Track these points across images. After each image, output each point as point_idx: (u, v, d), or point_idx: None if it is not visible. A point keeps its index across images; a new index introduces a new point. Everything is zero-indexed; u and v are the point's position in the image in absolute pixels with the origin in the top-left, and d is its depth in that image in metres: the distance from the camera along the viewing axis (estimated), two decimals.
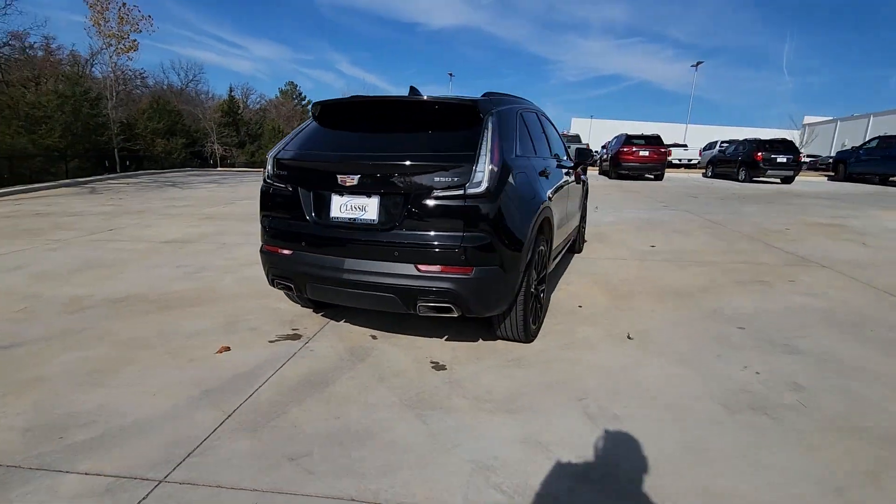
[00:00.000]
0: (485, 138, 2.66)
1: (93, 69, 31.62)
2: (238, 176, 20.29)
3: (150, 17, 25.60)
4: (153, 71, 60.56)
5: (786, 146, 17.58)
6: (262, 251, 3.08)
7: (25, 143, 19.22)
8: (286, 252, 2.92)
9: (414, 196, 2.58)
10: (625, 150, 17.39)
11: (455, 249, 2.56)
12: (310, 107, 2.66)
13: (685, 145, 29.19)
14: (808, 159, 28.57)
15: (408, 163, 2.60)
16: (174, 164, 27.68)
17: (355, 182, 2.65)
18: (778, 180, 17.90)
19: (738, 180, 18.28)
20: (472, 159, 2.56)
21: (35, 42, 29.43)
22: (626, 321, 3.58)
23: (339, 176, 2.68)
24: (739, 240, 6.63)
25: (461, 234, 2.57)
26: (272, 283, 3.07)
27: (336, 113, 3.06)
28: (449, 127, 2.78)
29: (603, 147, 21.62)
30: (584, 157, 4.93)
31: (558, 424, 2.27)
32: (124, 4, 25.39)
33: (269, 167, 2.99)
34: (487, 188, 2.55)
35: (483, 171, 2.55)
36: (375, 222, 2.67)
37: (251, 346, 3.09)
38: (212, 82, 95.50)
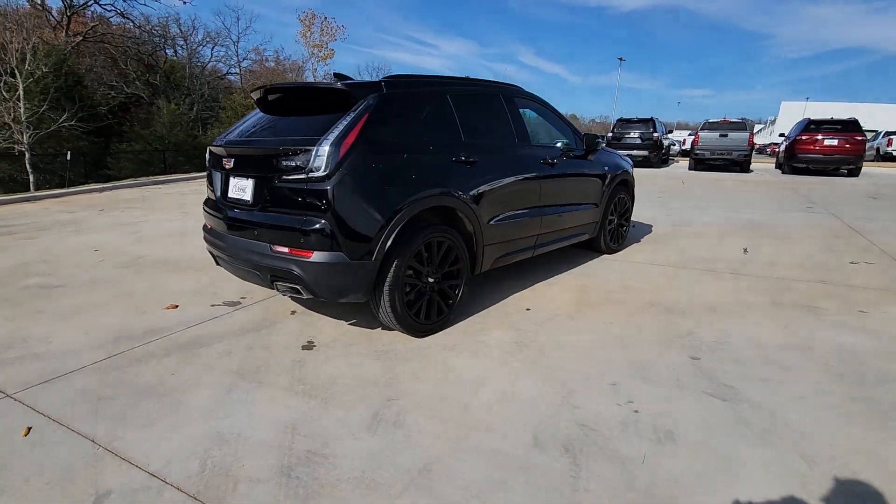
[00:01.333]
0: (340, 123, 2.63)
1: (304, 75, 37.65)
2: None
3: (342, 26, 29.81)
4: (349, 73, 69.61)
5: None
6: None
7: None
8: (207, 227, 3.31)
9: (273, 179, 2.70)
10: (803, 138, 14.05)
11: (297, 232, 2.61)
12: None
13: None
14: None
15: (268, 147, 2.72)
16: None
17: (231, 166, 2.88)
18: None
19: None
20: (319, 143, 2.57)
21: (269, 55, 36.50)
22: (553, 332, 3.13)
23: (223, 160, 2.95)
24: (858, 254, 5.03)
25: (303, 217, 2.61)
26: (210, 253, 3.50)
27: (260, 101, 3.31)
28: (324, 111, 2.80)
29: (781, 135, 17.82)
30: (592, 146, 4.34)
31: (332, 416, 2.20)
32: (325, 18, 29.90)
33: (206, 153, 3.40)
34: (327, 173, 2.53)
35: (323, 156, 2.54)
36: (250, 203, 2.87)
37: (195, 307, 3.58)
38: None
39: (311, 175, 2.56)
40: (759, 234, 6.07)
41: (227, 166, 2.93)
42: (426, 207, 2.91)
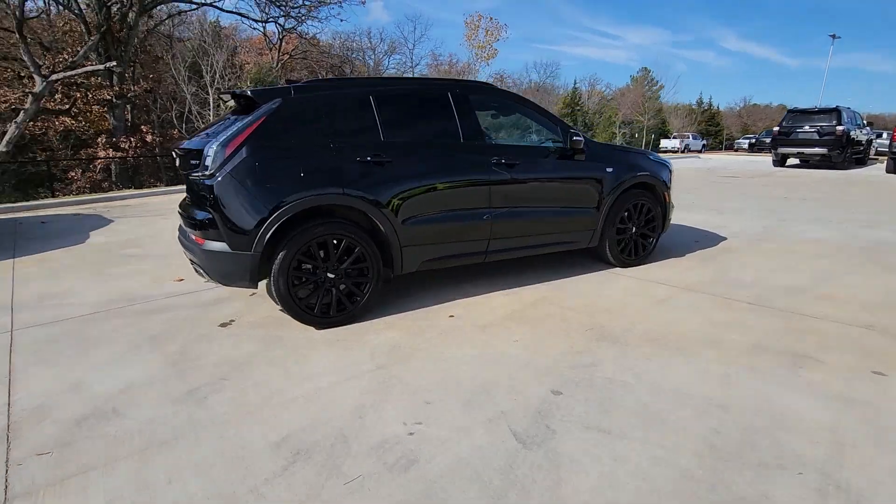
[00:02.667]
0: (233, 126, 2.91)
1: (471, 76, 39.42)
2: None
3: (505, 25, 30.97)
4: (516, 71, 70.14)
5: None
6: None
7: None
8: None
9: (189, 176, 3.12)
10: None
11: (196, 223, 2.99)
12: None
13: None
14: None
15: (190, 148, 3.14)
16: None
17: (178, 162, 3.38)
18: None
19: None
20: (209, 145, 2.89)
21: (443, 59, 39.42)
22: (443, 344, 2.96)
23: (174, 156, 3.48)
24: None
25: (200, 210, 2.97)
26: None
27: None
28: (241, 114, 3.10)
29: None
30: (575, 145, 3.84)
31: (166, 384, 2.51)
32: (491, 19, 31.17)
33: None
34: (212, 172, 2.84)
35: (210, 156, 2.85)
36: (187, 197, 3.34)
37: (192, 282, 4.24)
38: (564, 75, 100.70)
39: (203, 173, 2.90)
40: (872, 258, 4.58)
41: (176, 163, 3.46)
42: (314, 206, 3.01)
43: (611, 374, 2.53)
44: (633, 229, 4.36)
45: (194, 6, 18.88)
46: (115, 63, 13.70)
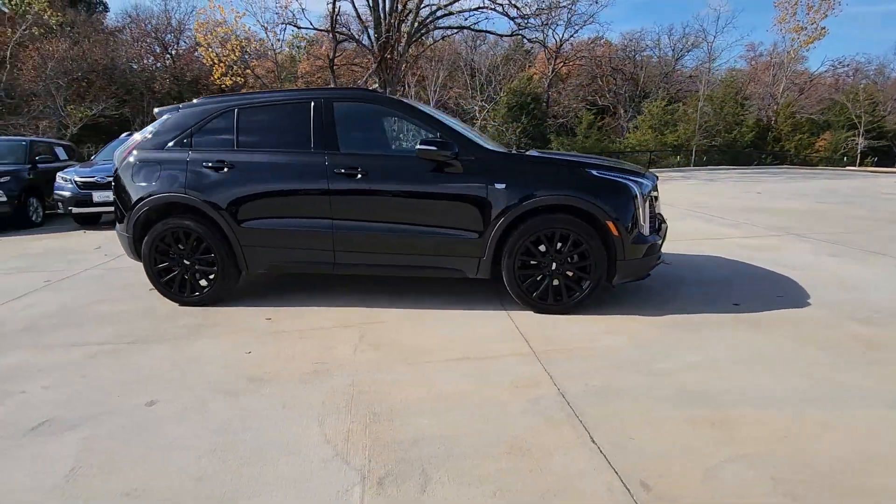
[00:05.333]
0: (137, 136, 3.76)
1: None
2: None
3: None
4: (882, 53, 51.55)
5: None
6: None
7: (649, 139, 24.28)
8: None
9: None
10: None
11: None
12: None
13: None
14: None
15: None
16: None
17: None
18: None
19: None
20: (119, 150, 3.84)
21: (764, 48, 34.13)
22: (198, 342, 3.12)
23: None
24: None
25: None
26: None
27: None
28: None
29: None
30: (436, 152, 3.23)
31: None
32: None
33: None
34: (115, 169, 3.76)
35: (117, 159, 3.76)
36: None
37: None
38: None
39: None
40: None
41: None
42: (163, 202, 3.59)
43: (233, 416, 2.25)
44: (554, 266, 3.28)
45: (451, 32, 21.58)
46: (377, 85, 17.27)
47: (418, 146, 3.27)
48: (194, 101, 3.90)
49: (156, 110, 3.98)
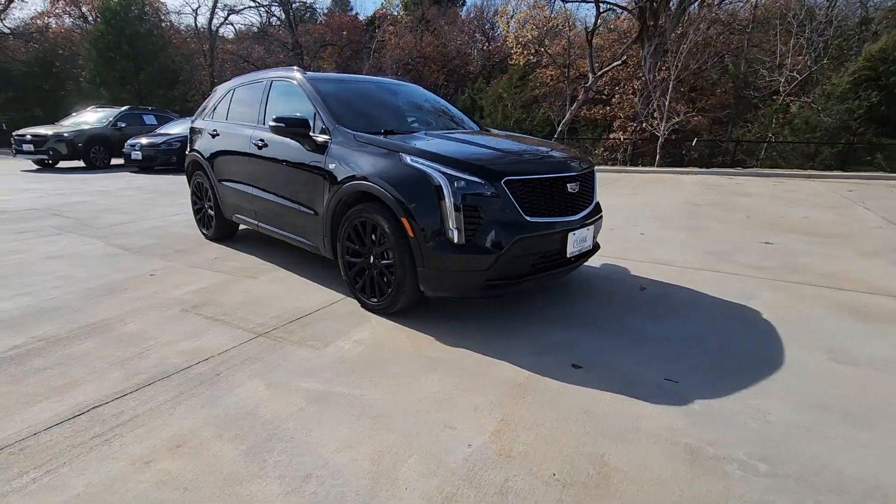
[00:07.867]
0: None
1: None
2: None
3: None
4: None
5: None
6: None
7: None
8: None
9: None
10: None
11: None
12: None
13: None
14: None
15: None
16: None
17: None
18: None
19: None
20: None
21: None
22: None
23: None
24: None
25: None
26: None
27: None
28: None
29: None
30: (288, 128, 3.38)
31: None
32: None
33: None
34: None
35: None
36: None
37: None
38: None
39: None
40: None
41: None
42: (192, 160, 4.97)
43: None
44: (372, 259, 3.02)
45: None
46: (625, 58, 15.81)
47: (279, 123, 3.35)
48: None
49: None
